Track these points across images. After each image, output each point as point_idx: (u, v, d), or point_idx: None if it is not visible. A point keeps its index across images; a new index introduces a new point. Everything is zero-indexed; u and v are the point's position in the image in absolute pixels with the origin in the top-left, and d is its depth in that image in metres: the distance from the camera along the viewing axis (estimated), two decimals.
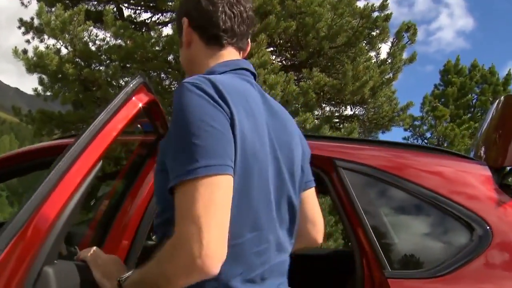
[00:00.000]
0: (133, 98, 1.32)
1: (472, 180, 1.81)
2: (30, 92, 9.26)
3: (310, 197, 1.36)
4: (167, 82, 8.84)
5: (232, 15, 1.21)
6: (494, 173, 1.80)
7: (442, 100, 19.38)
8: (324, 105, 9.45)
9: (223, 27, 1.20)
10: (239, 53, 1.27)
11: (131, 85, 1.29)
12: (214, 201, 0.94)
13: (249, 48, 1.32)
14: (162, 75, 8.73)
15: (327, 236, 10.14)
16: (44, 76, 8.55)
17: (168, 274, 0.96)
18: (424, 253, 1.71)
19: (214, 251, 0.92)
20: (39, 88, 8.79)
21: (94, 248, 1.25)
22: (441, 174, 1.82)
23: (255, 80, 1.24)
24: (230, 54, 1.23)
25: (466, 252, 1.59)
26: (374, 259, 1.65)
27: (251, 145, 1.06)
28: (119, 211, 1.74)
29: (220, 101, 1.02)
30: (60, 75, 8.09)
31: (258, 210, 1.08)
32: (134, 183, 1.76)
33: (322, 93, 8.47)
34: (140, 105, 1.35)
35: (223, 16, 1.20)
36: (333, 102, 9.30)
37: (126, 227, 1.76)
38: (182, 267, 0.93)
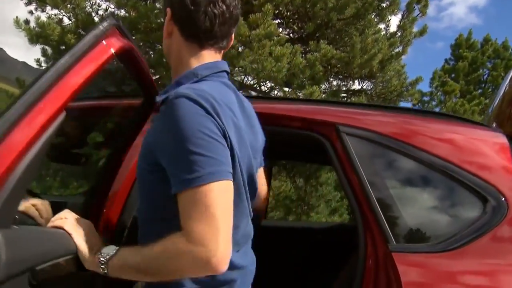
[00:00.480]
0: (103, 42, 1.15)
1: (486, 149, 1.68)
2: (36, 65, 9.14)
3: (259, 175, 1.47)
4: None
5: (214, 15, 1.20)
6: (510, 141, 1.68)
7: (453, 75, 19.01)
8: (331, 79, 9.26)
9: (202, 27, 1.21)
10: (220, 52, 1.29)
11: (101, 27, 1.13)
12: (222, 204, 1.04)
13: (231, 43, 1.32)
14: None
15: (332, 211, 10.08)
16: (47, 48, 8.43)
17: (176, 268, 1.04)
18: (432, 226, 1.60)
19: (227, 251, 1.03)
20: (42, 59, 8.67)
21: (67, 211, 1.19)
22: (453, 142, 1.69)
23: (228, 77, 1.29)
24: (209, 55, 1.26)
25: (478, 225, 1.47)
26: (378, 232, 1.53)
27: (236, 152, 1.15)
28: (106, 180, 1.64)
29: (216, 116, 1.09)
30: (63, 46, 7.96)
31: (244, 202, 1.25)
32: (122, 150, 1.65)
33: (329, 66, 8.28)
34: (113, 51, 1.19)
35: (204, 16, 1.20)
36: (340, 76, 9.10)
37: (114, 196, 1.67)
38: (197, 265, 1.01)
